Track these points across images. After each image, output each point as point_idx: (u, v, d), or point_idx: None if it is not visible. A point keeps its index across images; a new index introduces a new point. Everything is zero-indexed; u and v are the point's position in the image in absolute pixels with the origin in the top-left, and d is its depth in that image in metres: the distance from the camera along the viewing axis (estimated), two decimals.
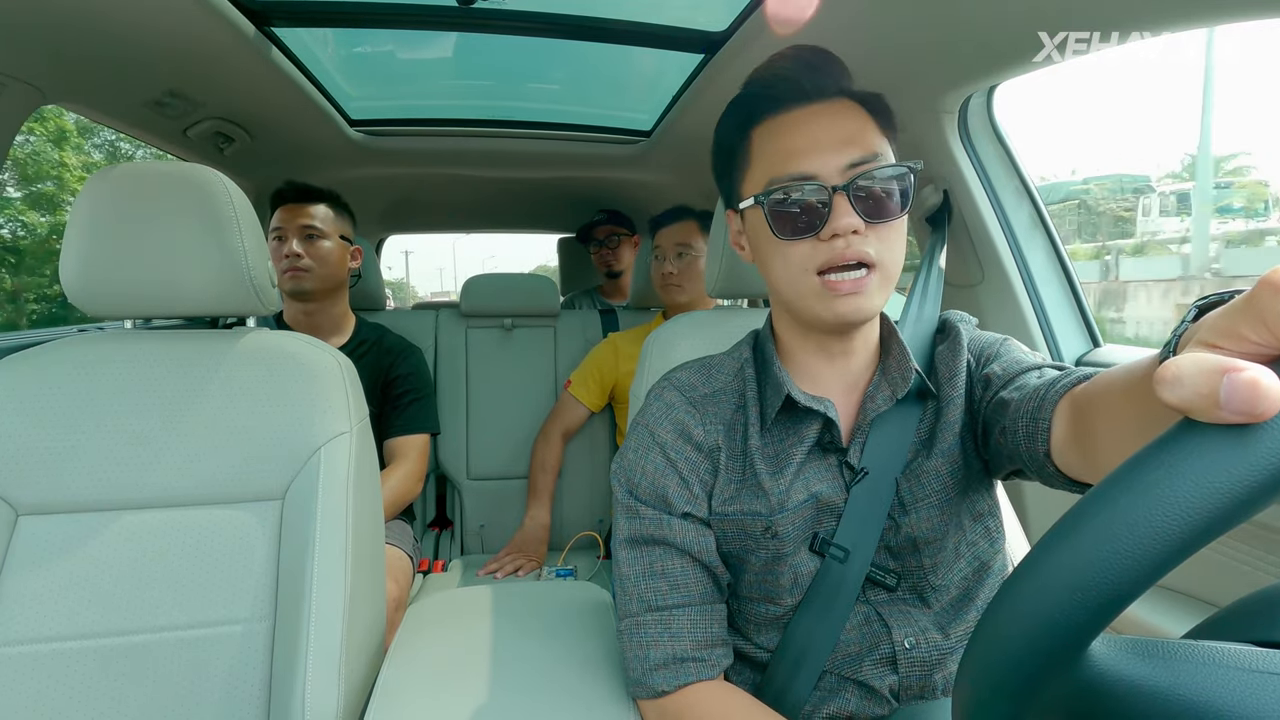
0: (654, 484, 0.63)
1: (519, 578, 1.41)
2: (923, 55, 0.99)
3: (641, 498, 0.63)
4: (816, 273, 0.57)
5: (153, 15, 0.97)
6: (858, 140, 0.57)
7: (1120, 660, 0.28)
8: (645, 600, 0.61)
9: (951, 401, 0.63)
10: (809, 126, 0.58)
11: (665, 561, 0.61)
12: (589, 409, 1.60)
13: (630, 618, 0.62)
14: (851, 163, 0.56)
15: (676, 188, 2.07)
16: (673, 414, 0.65)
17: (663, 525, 0.62)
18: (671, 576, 0.61)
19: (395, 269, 30.44)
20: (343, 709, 0.69)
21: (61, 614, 0.70)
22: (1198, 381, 0.25)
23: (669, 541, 0.61)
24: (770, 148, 0.60)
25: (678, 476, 0.63)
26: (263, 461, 0.76)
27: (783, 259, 0.59)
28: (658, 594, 0.61)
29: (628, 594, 0.62)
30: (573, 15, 1.22)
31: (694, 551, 0.61)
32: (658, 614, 0.60)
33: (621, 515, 0.65)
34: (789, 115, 0.59)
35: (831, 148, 0.56)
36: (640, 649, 0.60)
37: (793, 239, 0.57)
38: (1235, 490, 0.25)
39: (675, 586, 0.61)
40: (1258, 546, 0.84)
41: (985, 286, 1.22)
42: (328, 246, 1.35)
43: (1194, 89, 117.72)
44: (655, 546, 0.62)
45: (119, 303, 0.77)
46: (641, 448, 0.65)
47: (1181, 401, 0.26)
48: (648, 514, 0.63)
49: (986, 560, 0.64)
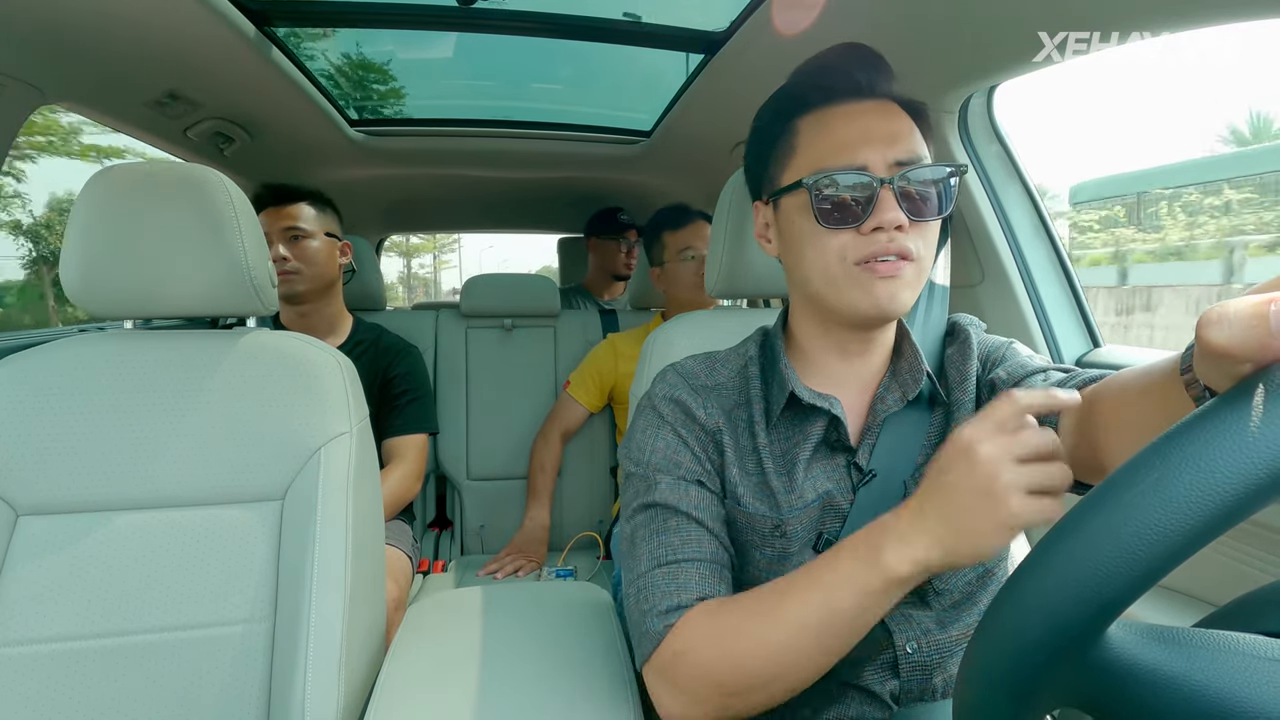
0: (666, 458, 0.62)
1: (519, 578, 1.41)
2: (923, 55, 0.99)
3: (656, 465, 0.62)
4: (855, 263, 0.57)
5: (153, 15, 0.97)
6: (905, 140, 0.57)
7: (1135, 645, 0.28)
8: (655, 557, 0.58)
9: (962, 406, 0.62)
10: (861, 120, 0.58)
11: (676, 523, 0.60)
12: (588, 409, 1.60)
13: (639, 577, 0.58)
14: (899, 160, 0.56)
15: (677, 188, 2.07)
16: (675, 394, 0.65)
17: (676, 491, 0.60)
18: (684, 535, 0.59)
19: (427, 267, 31.31)
20: (343, 709, 0.69)
21: (61, 614, 0.70)
22: (1244, 316, 0.26)
23: (682, 509, 0.60)
24: (820, 138, 0.59)
25: (690, 451, 0.62)
26: (263, 462, 0.76)
27: (819, 248, 0.58)
28: (669, 549, 0.58)
29: (636, 555, 0.60)
30: (573, 15, 1.22)
31: (706, 521, 0.60)
32: (667, 568, 0.57)
33: (632, 487, 0.63)
34: (841, 108, 0.59)
35: (882, 143, 0.57)
36: (648, 602, 0.56)
37: (835, 228, 0.57)
38: (1239, 485, 0.25)
39: (686, 543, 0.59)
40: (1258, 546, 0.84)
41: (985, 286, 1.22)
42: (314, 246, 1.34)
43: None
44: (667, 511, 0.60)
45: (119, 303, 0.77)
46: (650, 426, 0.65)
47: (1229, 339, 0.26)
48: (661, 480, 0.61)
49: (990, 566, 0.64)
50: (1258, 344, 0.26)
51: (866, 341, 0.63)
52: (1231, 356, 0.27)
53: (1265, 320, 0.25)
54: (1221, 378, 0.29)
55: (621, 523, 0.64)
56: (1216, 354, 0.27)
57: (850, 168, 0.56)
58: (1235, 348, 0.26)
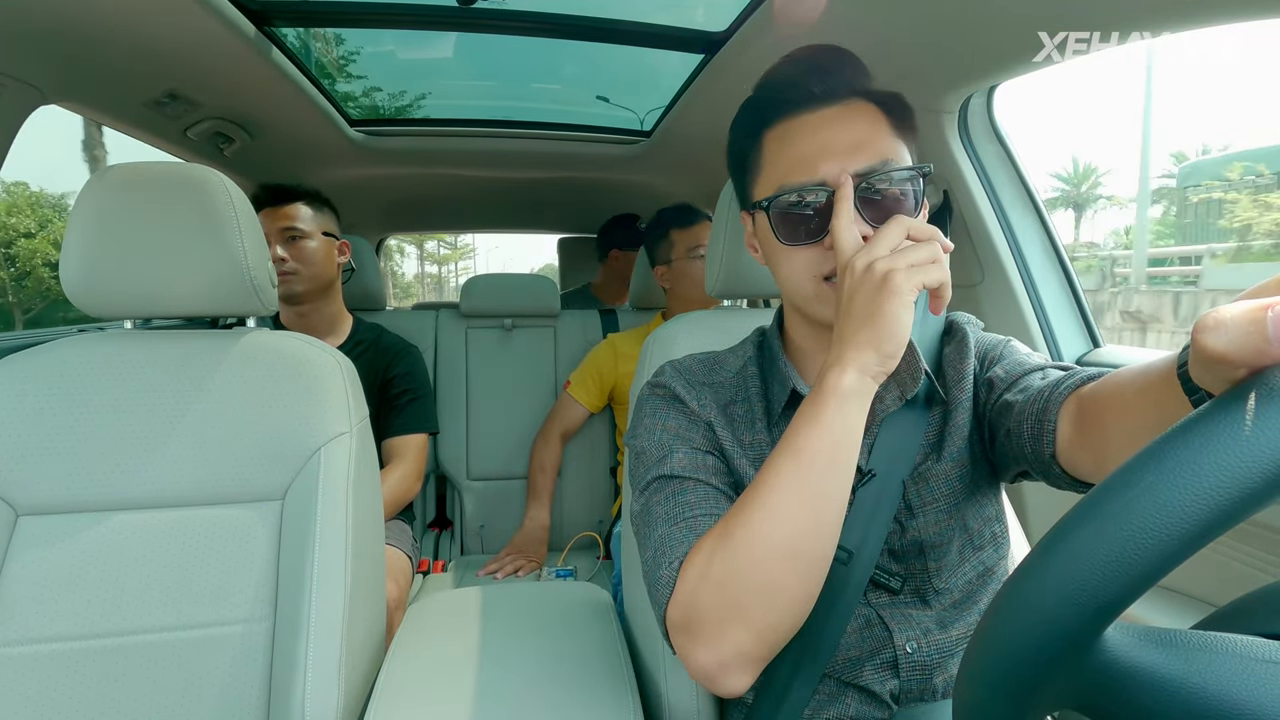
0: (677, 432, 0.63)
1: (519, 578, 1.41)
2: (923, 55, 0.99)
3: (668, 441, 0.62)
4: (823, 279, 0.57)
5: (153, 15, 0.97)
6: (868, 145, 0.56)
7: (1133, 648, 0.28)
8: (671, 516, 0.57)
9: (960, 405, 0.62)
10: (818, 132, 0.57)
11: (693, 485, 0.59)
12: (588, 410, 1.60)
13: (657, 539, 0.57)
14: (859, 171, 0.55)
15: (677, 188, 2.07)
16: (670, 386, 0.66)
17: (694, 459, 0.60)
18: (700, 494, 0.58)
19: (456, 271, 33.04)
20: (343, 709, 0.69)
21: (61, 614, 0.70)
22: (1241, 322, 0.26)
23: (698, 476, 0.59)
24: (779, 153, 0.59)
25: (695, 432, 0.63)
26: (263, 462, 0.76)
27: (789, 264, 0.59)
28: (685, 507, 0.57)
29: (651, 520, 0.58)
30: (573, 15, 1.22)
31: (722, 487, 0.60)
32: (683, 523, 0.56)
33: (641, 464, 0.63)
34: (798, 119, 0.59)
35: (840, 153, 0.56)
36: (663, 556, 0.55)
37: (798, 245, 0.57)
38: (1233, 490, 0.25)
39: (704, 500, 0.58)
40: (1258, 546, 0.84)
41: (985, 286, 1.22)
42: (312, 246, 1.33)
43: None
44: (683, 481, 0.59)
45: (119, 303, 0.77)
46: (656, 410, 0.65)
47: (1227, 345, 0.26)
48: (678, 449, 0.61)
49: (991, 565, 0.64)
50: (1254, 350, 0.26)
51: None
52: (1228, 362, 0.27)
53: (1263, 326, 0.25)
54: (1217, 381, 0.29)
55: (632, 500, 0.64)
56: (1213, 360, 0.27)
57: (809, 184, 0.56)
58: (1232, 353, 0.26)
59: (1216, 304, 0.28)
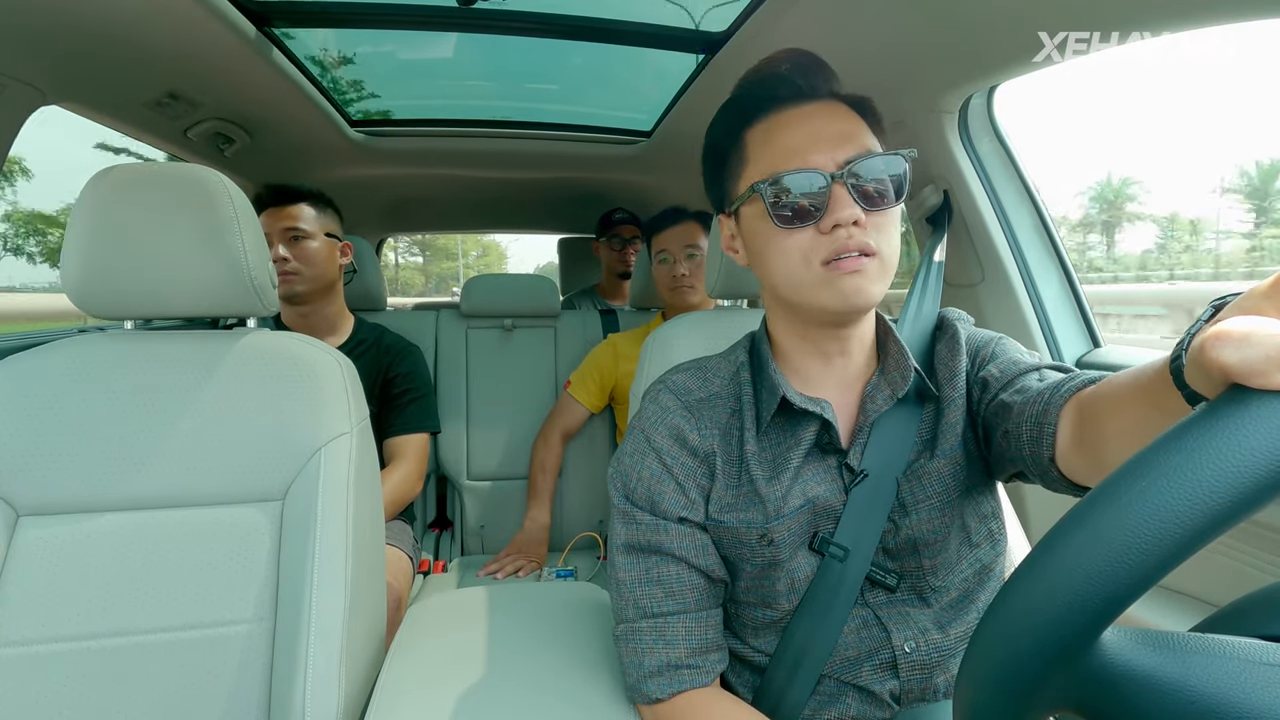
0: (649, 490, 0.63)
1: (519, 578, 1.41)
2: (923, 55, 0.99)
3: (637, 503, 0.63)
4: (821, 264, 0.57)
5: (153, 16, 0.97)
6: (853, 137, 0.58)
7: (1131, 651, 0.28)
8: (641, 607, 0.61)
9: (953, 402, 0.62)
10: (806, 124, 0.59)
11: (661, 568, 0.61)
12: (589, 410, 1.60)
13: (626, 623, 0.62)
14: (848, 159, 0.57)
15: (677, 188, 2.07)
16: (668, 418, 0.65)
17: (659, 531, 0.62)
18: (667, 583, 0.61)
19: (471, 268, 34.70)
20: (343, 709, 0.69)
21: (61, 615, 0.70)
22: (1268, 344, 0.25)
23: (664, 549, 0.61)
24: (768, 146, 0.60)
25: (674, 482, 0.62)
26: (263, 462, 0.76)
27: (782, 252, 0.59)
28: (653, 600, 0.61)
29: (624, 599, 0.63)
30: (573, 15, 1.22)
31: (690, 558, 0.61)
32: (653, 621, 0.61)
33: (618, 521, 0.65)
34: (785, 114, 0.60)
35: (830, 143, 0.57)
36: (636, 655, 0.61)
37: (793, 228, 0.57)
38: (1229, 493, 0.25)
39: (670, 594, 0.61)
40: (1258, 546, 0.84)
41: (985, 286, 1.22)
42: (314, 246, 1.34)
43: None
44: (651, 554, 0.62)
45: (119, 303, 0.77)
46: (637, 453, 0.65)
47: (1242, 361, 0.26)
48: (644, 519, 0.63)
49: (988, 563, 0.64)
50: (1265, 375, 0.25)
51: (843, 340, 0.63)
52: (1238, 376, 0.26)
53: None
54: (1213, 386, 0.29)
55: (610, 552, 0.66)
56: (1223, 371, 0.27)
57: (802, 169, 0.57)
58: (1243, 370, 0.26)
59: None
